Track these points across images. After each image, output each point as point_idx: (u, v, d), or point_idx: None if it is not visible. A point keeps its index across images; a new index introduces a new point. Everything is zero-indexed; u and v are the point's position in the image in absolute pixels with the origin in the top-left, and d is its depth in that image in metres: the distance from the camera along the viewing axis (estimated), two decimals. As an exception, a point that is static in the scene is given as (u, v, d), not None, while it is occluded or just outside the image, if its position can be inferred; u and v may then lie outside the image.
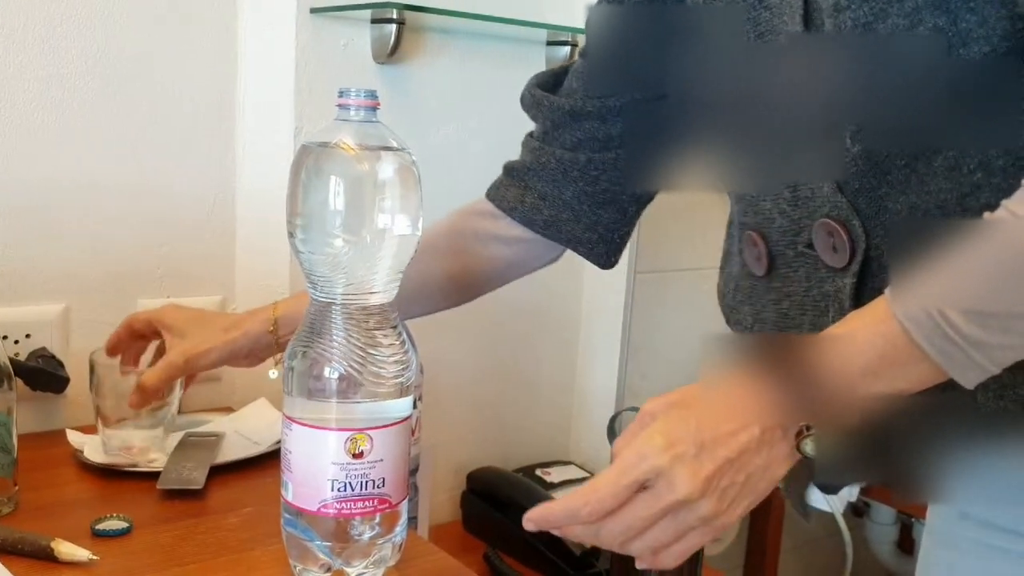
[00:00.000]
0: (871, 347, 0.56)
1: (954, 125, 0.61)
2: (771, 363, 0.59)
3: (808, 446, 0.59)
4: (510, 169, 0.91)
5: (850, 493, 1.50)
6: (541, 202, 0.88)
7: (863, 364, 0.56)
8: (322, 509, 0.73)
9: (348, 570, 0.74)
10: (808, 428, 0.58)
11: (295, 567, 0.76)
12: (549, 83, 0.89)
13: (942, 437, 0.65)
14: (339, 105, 0.73)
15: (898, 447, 0.67)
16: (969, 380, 0.56)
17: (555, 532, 0.62)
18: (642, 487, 0.58)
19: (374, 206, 0.72)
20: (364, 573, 0.75)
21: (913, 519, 1.78)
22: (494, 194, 0.92)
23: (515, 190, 0.90)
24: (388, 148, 0.73)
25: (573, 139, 0.86)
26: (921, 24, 0.59)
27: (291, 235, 0.73)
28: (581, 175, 0.87)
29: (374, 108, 0.73)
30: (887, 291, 0.57)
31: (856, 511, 1.87)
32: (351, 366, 0.72)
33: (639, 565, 0.62)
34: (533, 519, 0.61)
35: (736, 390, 0.59)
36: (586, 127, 0.85)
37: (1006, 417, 0.62)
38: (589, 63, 0.86)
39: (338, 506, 0.73)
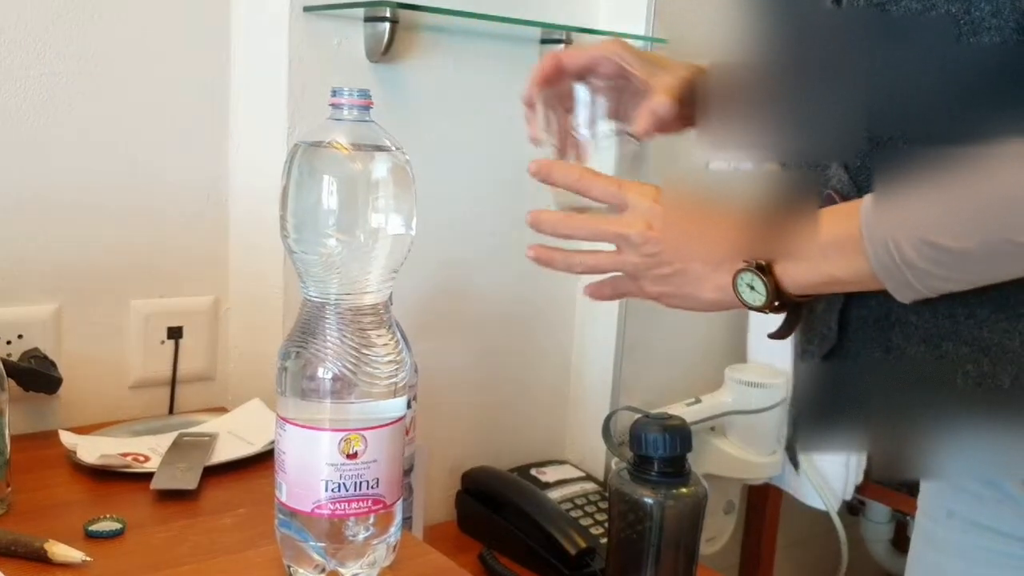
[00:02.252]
0: (831, 234, 0.62)
1: (958, 113, 0.61)
2: (756, 211, 0.67)
3: (742, 290, 0.66)
4: None
5: (844, 491, 1.50)
6: None
7: (818, 243, 0.63)
8: (316, 510, 0.73)
9: (342, 571, 0.74)
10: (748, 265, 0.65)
11: (289, 568, 0.76)
12: None
13: (923, 413, 0.65)
14: (332, 104, 0.73)
15: (880, 417, 0.68)
16: (904, 296, 0.60)
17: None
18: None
19: (367, 206, 0.72)
20: (359, 574, 0.75)
21: (908, 517, 1.78)
22: None
23: None
24: (381, 148, 0.73)
25: None
26: (935, 9, 0.59)
27: (284, 235, 0.73)
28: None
29: (367, 107, 0.73)
30: (866, 198, 0.61)
31: (851, 509, 1.87)
32: (345, 366, 0.72)
33: (585, 289, 0.79)
34: (538, 166, 0.73)
35: (721, 213, 0.69)
36: None
37: (984, 403, 0.63)
38: None
39: (332, 507, 0.72)
